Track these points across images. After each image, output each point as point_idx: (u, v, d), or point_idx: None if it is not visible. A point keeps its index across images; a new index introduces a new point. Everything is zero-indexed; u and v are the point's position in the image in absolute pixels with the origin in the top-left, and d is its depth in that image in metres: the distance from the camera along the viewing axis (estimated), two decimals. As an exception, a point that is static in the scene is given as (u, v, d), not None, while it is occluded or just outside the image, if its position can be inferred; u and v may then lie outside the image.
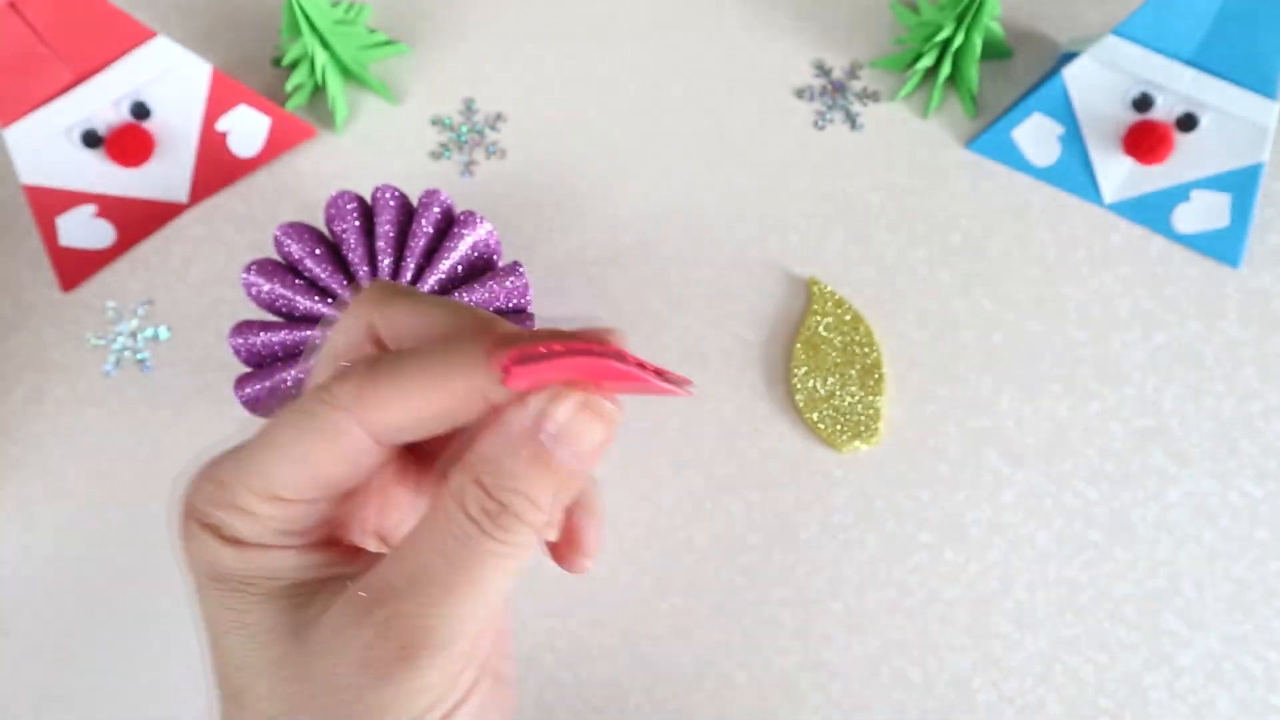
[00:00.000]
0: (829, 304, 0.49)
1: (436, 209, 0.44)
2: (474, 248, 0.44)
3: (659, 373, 0.22)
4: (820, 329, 0.48)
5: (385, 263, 0.43)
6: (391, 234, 0.44)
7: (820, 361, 0.48)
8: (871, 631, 0.45)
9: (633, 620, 0.46)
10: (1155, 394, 0.48)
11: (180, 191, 0.51)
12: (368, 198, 0.45)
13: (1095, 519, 0.46)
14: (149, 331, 0.50)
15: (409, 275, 0.43)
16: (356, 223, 0.44)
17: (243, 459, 0.24)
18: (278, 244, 0.44)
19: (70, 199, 0.50)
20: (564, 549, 0.26)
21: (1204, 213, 0.49)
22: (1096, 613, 0.45)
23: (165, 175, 0.51)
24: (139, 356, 0.50)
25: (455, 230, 0.43)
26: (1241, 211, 0.48)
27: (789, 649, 0.45)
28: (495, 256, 0.45)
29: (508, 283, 0.43)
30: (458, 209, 0.45)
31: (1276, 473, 0.47)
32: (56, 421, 0.49)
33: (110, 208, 0.50)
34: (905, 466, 0.47)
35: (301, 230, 0.44)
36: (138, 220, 0.51)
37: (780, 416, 0.48)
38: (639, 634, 0.45)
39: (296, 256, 0.44)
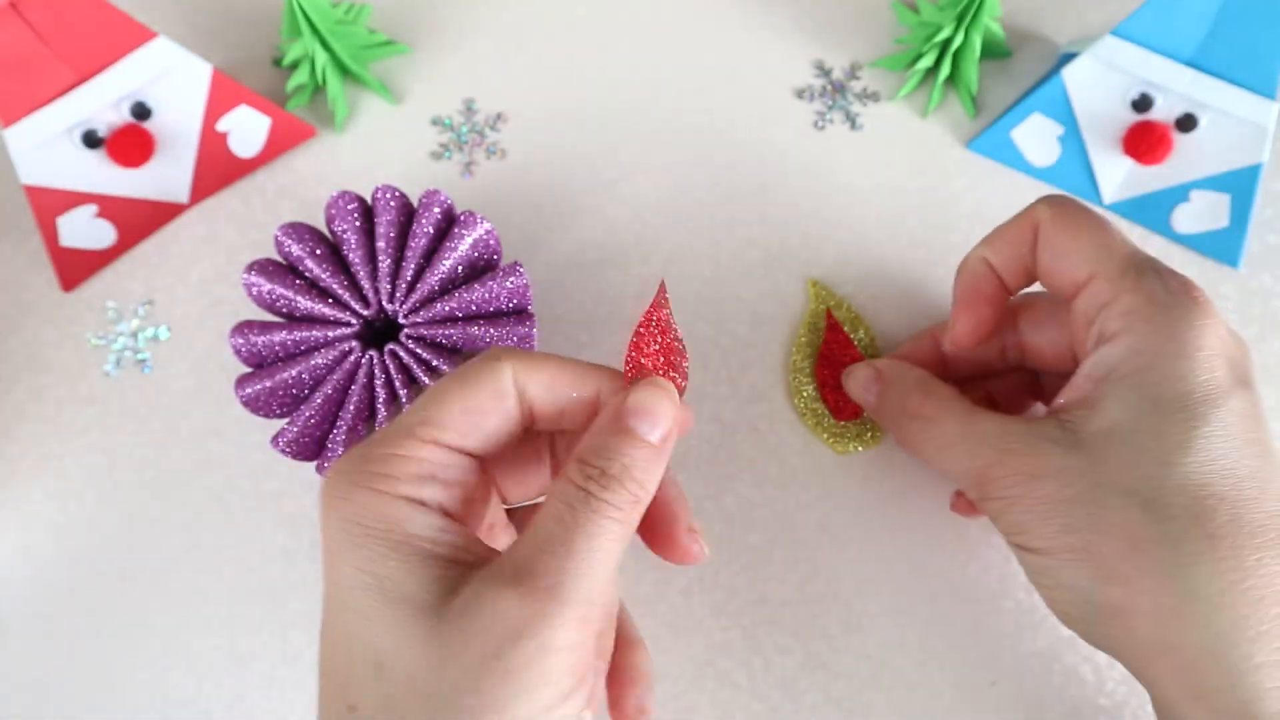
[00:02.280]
0: (829, 305, 0.49)
1: (437, 209, 0.44)
2: (474, 248, 0.44)
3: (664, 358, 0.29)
4: (819, 331, 0.48)
5: (385, 263, 0.43)
6: (392, 234, 0.44)
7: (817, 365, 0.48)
8: (872, 631, 0.45)
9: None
10: (1155, 394, 0.48)
11: (181, 192, 0.51)
12: (368, 198, 0.45)
13: (1095, 519, 0.46)
14: (149, 331, 0.50)
15: (409, 275, 0.43)
16: (357, 223, 0.44)
17: (405, 416, 0.27)
18: (278, 244, 0.44)
19: (71, 199, 0.50)
20: (671, 538, 0.30)
21: (1203, 213, 0.49)
22: (1096, 612, 0.45)
23: (166, 175, 0.51)
24: (139, 357, 0.50)
25: (456, 230, 0.43)
26: (1241, 212, 0.48)
27: (789, 649, 0.45)
28: (496, 256, 0.45)
29: (508, 283, 0.43)
30: (458, 209, 0.45)
31: (1276, 473, 0.47)
32: (56, 421, 0.49)
33: (111, 208, 0.50)
34: (905, 466, 0.47)
35: (302, 230, 0.44)
36: (138, 220, 0.51)
37: (780, 416, 0.48)
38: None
39: (297, 256, 0.44)
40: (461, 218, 0.44)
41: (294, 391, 0.43)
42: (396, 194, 0.44)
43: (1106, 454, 0.29)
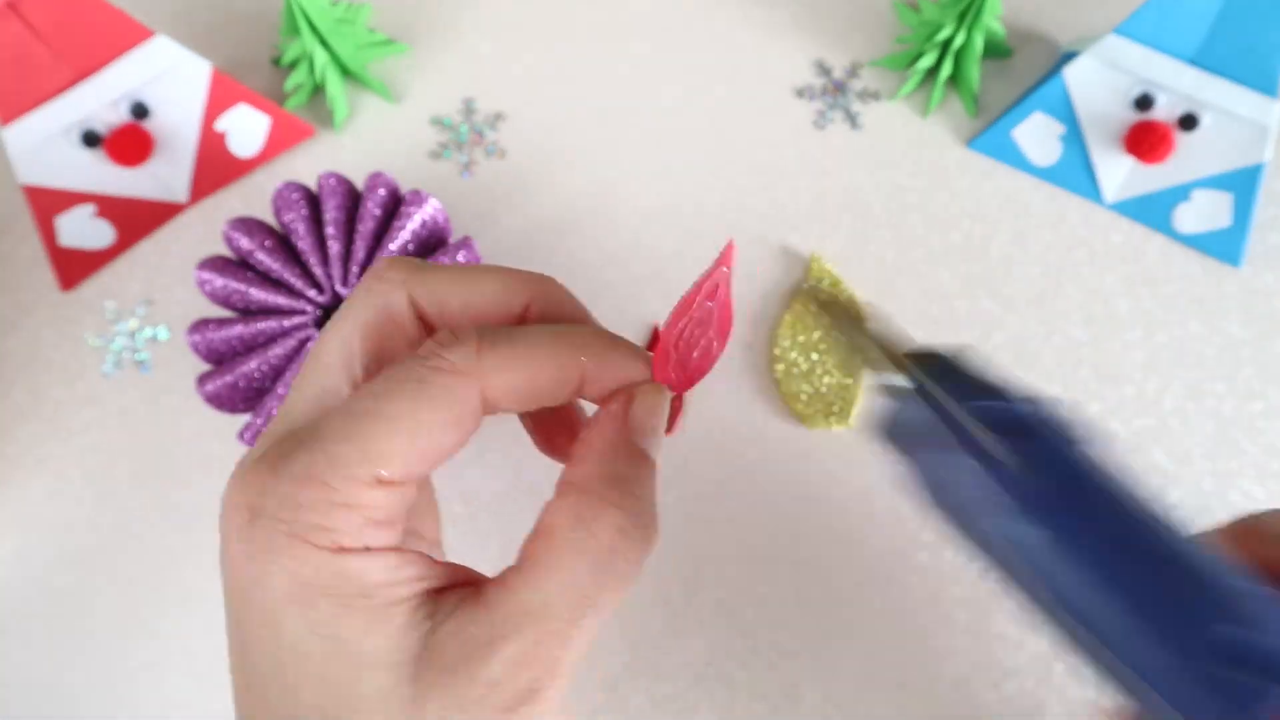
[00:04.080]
0: (825, 281, 0.49)
1: (382, 190, 0.44)
2: (423, 225, 0.44)
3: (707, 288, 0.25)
4: (811, 305, 0.48)
5: (335, 248, 0.43)
6: (340, 219, 0.44)
7: (805, 336, 0.48)
8: (872, 631, 0.45)
9: (633, 620, 0.45)
10: (1156, 394, 0.48)
11: (180, 191, 0.51)
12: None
13: (1096, 519, 0.46)
14: (148, 332, 0.50)
15: (360, 257, 0.43)
16: (304, 212, 0.44)
17: (336, 442, 0.21)
18: (228, 240, 0.44)
19: (69, 199, 0.50)
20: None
21: (1205, 212, 0.49)
22: (1097, 613, 0.45)
23: (165, 175, 0.51)
24: (138, 357, 0.50)
25: (403, 209, 0.43)
26: (1243, 211, 0.48)
27: (789, 649, 0.45)
28: (445, 232, 0.45)
29: (459, 256, 0.43)
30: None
31: (1278, 473, 0.46)
32: (55, 422, 0.49)
33: (109, 207, 0.50)
34: (905, 466, 0.47)
35: (251, 224, 0.44)
36: (137, 220, 0.51)
37: (779, 419, 0.48)
38: (639, 634, 0.45)
39: (247, 250, 0.44)
40: (408, 196, 0.44)
41: (255, 384, 0.43)
42: (341, 179, 0.44)
43: None
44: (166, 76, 0.48)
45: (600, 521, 0.22)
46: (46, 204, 0.49)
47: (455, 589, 0.22)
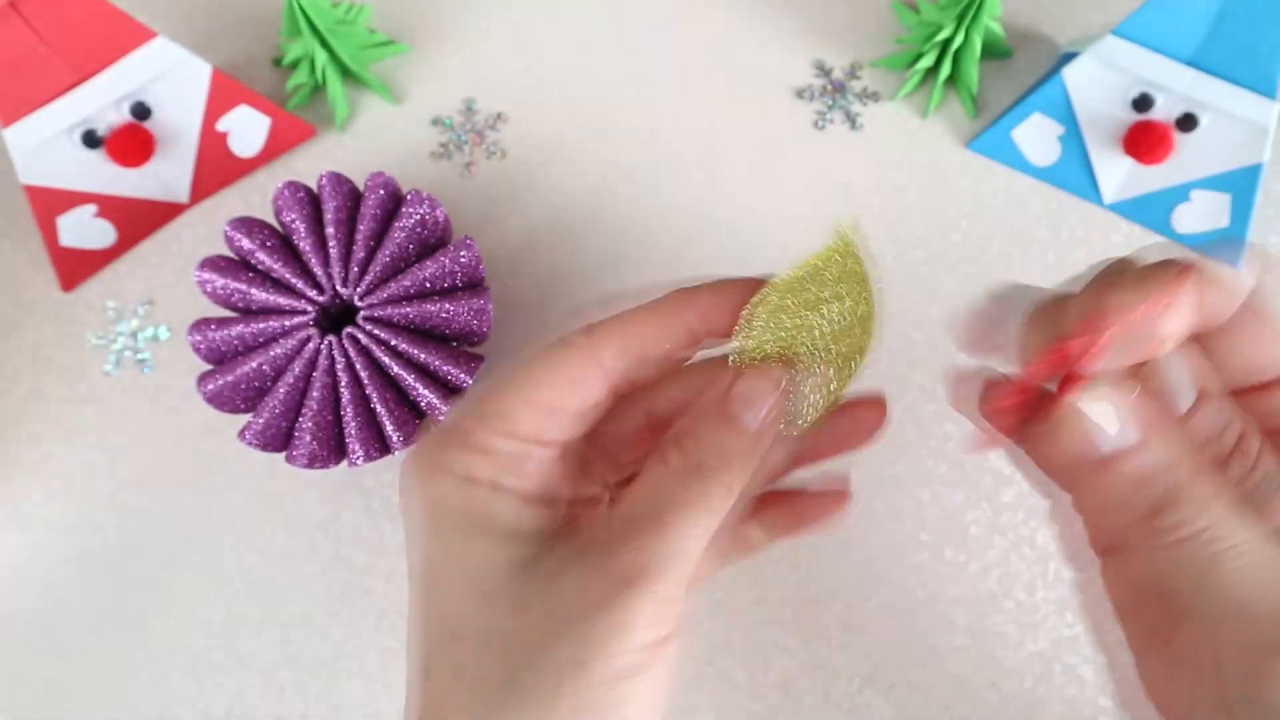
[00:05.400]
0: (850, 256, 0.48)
1: (382, 190, 0.44)
2: (423, 225, 0.44)
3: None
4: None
5: (336, 248, 0.43)
6: (340, 220, 0.44)
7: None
8: (872, 631, 0.45)
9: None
10: (1155, 394, 0.48)
11: (181, 191, 0.51)
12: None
13: (1095, 519, 0.46)
14: (149, 331, 0.50)
15: (361, 258, 0.43)
16: (305, 212, 0.44)
17: (481, 404, 0.27)
18: (229, 240, 0.44)
19: (71, 199, 0.50)
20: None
21: (1204, 213, 0.49)
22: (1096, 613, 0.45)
23: (166, 175, 0.51)
24: (139, 357, 0.50)
25: (403, 210, 0.43)
26: (1242, 212, 0.48)
27: (789, 649, 0.45)
28: (446, 232, 0.45)
29: (460, 256, 0.43)
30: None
31: (1276, 473, 0.47)
32: (56, 422, 0.49)
33: (111, 208, 0.50)
34: (904, 466, 0.47)
35: (252, 224, 0.44)
36: (138, 220, 0.51)
37: (780, 416, 0.48)
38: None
39: (248, 250, 0.44)
40: (409, 197, 0.44)
41: (256, 384, 0.43)
42: (341, 179, 0.44)
43: None
44: (167, 77, 0.49)
45: (668, 456, 0.26)
46: (47, 204, 0.49)
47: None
